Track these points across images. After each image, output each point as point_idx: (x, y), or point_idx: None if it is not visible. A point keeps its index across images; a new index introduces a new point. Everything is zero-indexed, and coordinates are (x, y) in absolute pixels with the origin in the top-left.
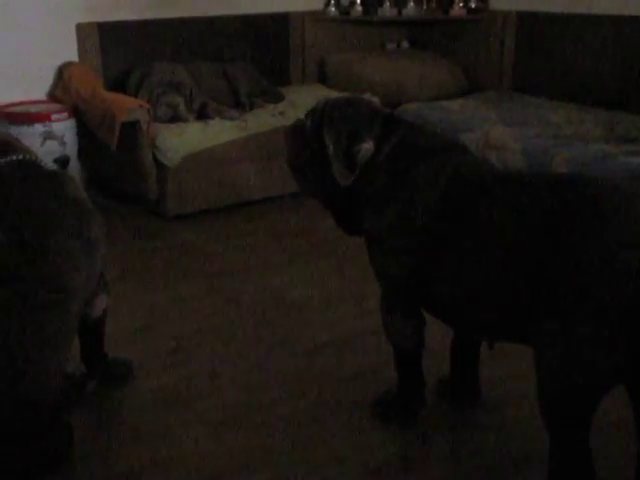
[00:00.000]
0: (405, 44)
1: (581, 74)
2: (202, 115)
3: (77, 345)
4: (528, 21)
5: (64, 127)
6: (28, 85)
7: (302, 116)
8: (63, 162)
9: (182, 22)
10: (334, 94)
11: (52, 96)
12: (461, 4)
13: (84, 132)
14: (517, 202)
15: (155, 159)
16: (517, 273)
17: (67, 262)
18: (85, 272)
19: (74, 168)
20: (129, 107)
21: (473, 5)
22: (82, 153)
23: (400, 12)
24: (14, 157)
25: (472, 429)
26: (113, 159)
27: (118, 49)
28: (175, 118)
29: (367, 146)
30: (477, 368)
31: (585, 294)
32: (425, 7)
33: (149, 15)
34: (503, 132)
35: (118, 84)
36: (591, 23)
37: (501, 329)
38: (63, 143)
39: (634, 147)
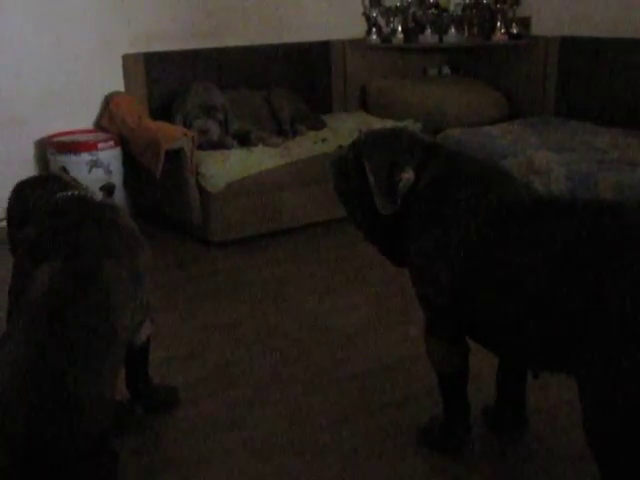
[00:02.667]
0: (446, 70)
1: (626, 99)
2: (245, 142)
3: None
4: (571, 46)
5: (110, 156)
6: (75, 115)
7: (344, 143)
8: (109, 190)
9: (225, 51)
10: (375, 121)
11: (98, 125)
12: (503, 30)
13: (129, 160)
14: (557, 230)
15: (199, 186)
16: (556, 303)
17: (117, 292)
18: (133, 302)
19: (119, 196)
20: (173, 135)
21: (515, 31)
22: (127, 181)
23: (441, 39)
24: (69, 193)
25: (519, 458)
26: (157, 187)
27: (163, 79)
28: (210, 143)
29: (407, 176)
30: (524, 396)
31: (627, 324)
32: (466, 33)
33: (193, 45)
34: (547, 157)
35: (163, 113)
36: (636, 47)
37: (543, 360)
38: (109, 171)
39: None
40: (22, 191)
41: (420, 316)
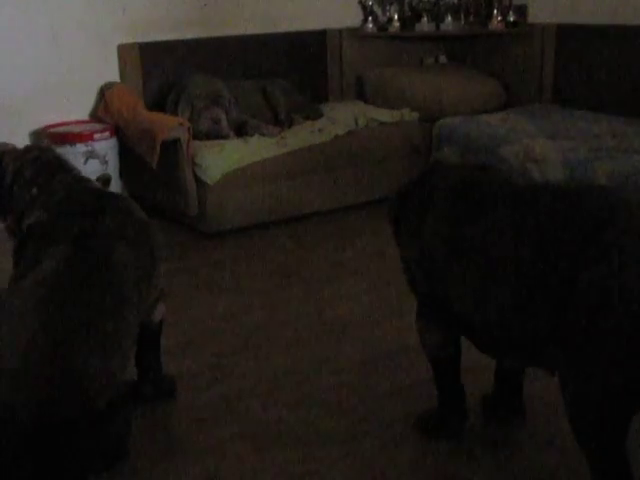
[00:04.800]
0: (443, 59)
1: (623, 86)
2: (241, 132)
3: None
4: (568, 33)
5: (106, 146)
6: (71, 106)
7: (340, 133)
8: (105, 181)
9: (221, 41)
10: (373, 110)
11: (94, 116)
12: (500, 18)
13: (125, 151)
14: (526, 218)
15: (195, 176)
16: (528, 294)
17: (128, 273)
18: (146, 285)
19: (115, 186)
20: (169, 126)
21: (512, 19)
22: (123, 172)
23: (438, 27)
24: (69, 176)
25: (516, 446)
26: (154, 177)
27: (158, 69)
28: (216, 133)
29: None
30: (521, 385)
31: (602, 316)
32: (463, 22)
33: (188, 34)
34: (544, 145)
35: (158, 103)
36: (633, 34)
37: (519, 354)
38: (105, 162)
39: None
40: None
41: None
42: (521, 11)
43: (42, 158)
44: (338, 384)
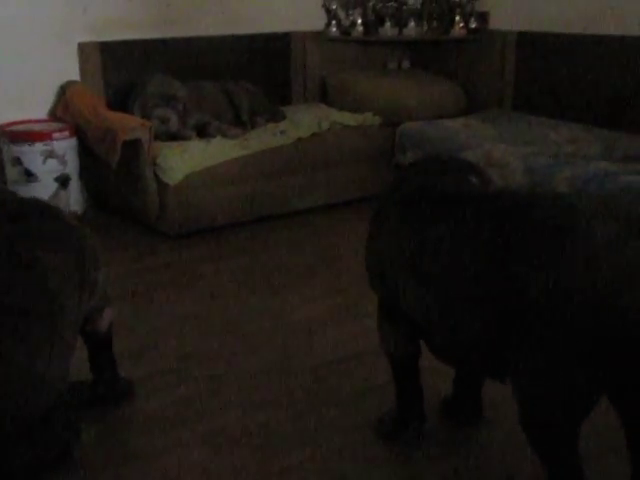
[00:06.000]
0: (406, 63)
1: (581, 93)
2: (204, 134)
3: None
4: (528, 41)
5: (65, 146)
6: (30, 104)
7: (303, 136)
8: (64, 181)
9: (184, 41)
10: (336, 113)
11: (53, 115)
12: (462, 24)
13: (85, 151)
14: (478, 225)
15: (156, 178)
16: (480, 301)
17: (56, 276)
18: (81, 289)
19: (75, 187)
20: (130, 126)
21: (474, 25)
22: (83, 172)
23: (401, 32)
24: None
25: (475, 448)
26: (114, 178)
27: (120, 68)
28: (168, 134)
29: None
30: (480, 387)
31: (554, 319)
32: (426, 27)
33: (151, 34)
34: (504, 150)
35: (120, 103)
36: (588, 43)
37: (471, 360)
38: (64, 162)
39: (634, 166)
40: None
41: None
42: (483, 18)
43: None
44: (299, 387)
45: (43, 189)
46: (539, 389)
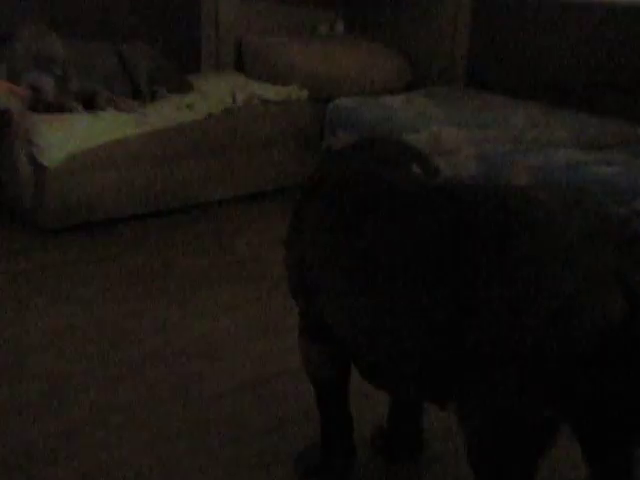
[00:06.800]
0: (340, 27)
1: (546, 69)
2: (91, 105)
3: None
4: (485, 6)
5: None
6: None
7: (214, 111)
8: None
9: None
10: (254, 85)
11: None
12: None
13: None
14: (415, 226)
15: (31, 158)
16: (416, 315)
17: None
18: None
19: None
20: None
21: None
22: None
23: None
24: None
25: None
26: None
27: None
28: (44, 104)
29: None
30: (420, 416)
31: (506, 338)
32: None
33: None
34: (455, 134)
35: None
36: (559, 10)
37: (406, 383)
38: None
39: (606, 155)
40: None
41: None
42: None
43: None
44: (206, 416)
45: None
46: (488, 414)
